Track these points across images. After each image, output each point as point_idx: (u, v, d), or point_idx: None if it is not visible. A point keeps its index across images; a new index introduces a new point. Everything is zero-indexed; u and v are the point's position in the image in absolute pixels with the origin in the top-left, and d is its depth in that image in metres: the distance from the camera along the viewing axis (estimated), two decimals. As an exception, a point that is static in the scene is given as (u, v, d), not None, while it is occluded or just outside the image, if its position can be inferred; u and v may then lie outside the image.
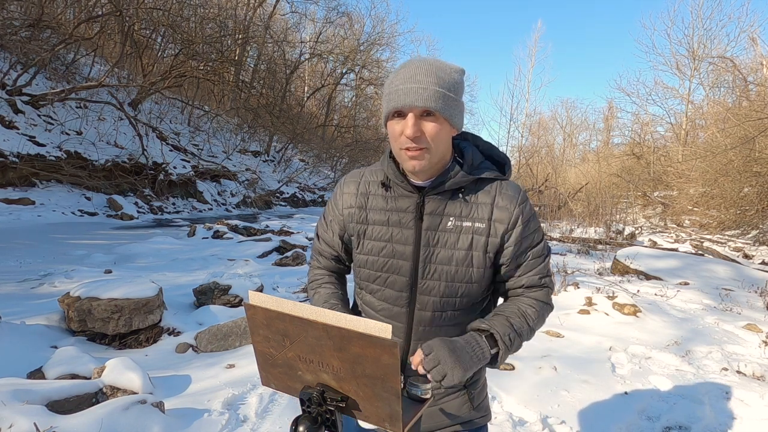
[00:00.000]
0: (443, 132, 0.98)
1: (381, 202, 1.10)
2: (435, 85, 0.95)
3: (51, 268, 5.45)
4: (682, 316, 4.54)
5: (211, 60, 17.53)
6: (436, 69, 0.97)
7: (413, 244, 1.05)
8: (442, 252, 1.04)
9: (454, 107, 0.98)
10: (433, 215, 1.05)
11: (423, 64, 0.97)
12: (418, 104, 0.94)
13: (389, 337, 0.73)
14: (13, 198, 9.74)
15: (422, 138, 0.96)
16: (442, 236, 1.05)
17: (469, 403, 1.16)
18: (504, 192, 1.07)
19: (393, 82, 0.99)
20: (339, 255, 1.22)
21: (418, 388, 0.92)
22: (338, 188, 1.18)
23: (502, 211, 1.05)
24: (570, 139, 34.36)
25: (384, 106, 1.01)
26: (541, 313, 1.11)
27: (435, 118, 0.96)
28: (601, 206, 13.17)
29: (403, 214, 1.07)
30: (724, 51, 19.64)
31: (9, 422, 1.91)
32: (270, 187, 19.82)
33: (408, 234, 1.06)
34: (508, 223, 1.05)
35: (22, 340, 3.10)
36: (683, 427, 2.58)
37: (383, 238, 1.08)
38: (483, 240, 1.04)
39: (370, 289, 1.13)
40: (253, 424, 2.39)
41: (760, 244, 9.56)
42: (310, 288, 1.22)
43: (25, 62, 12.04)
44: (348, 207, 1.13)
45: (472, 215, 1.05)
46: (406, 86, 0.95)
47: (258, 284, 4.65)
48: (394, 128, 0.99)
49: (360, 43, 29.82)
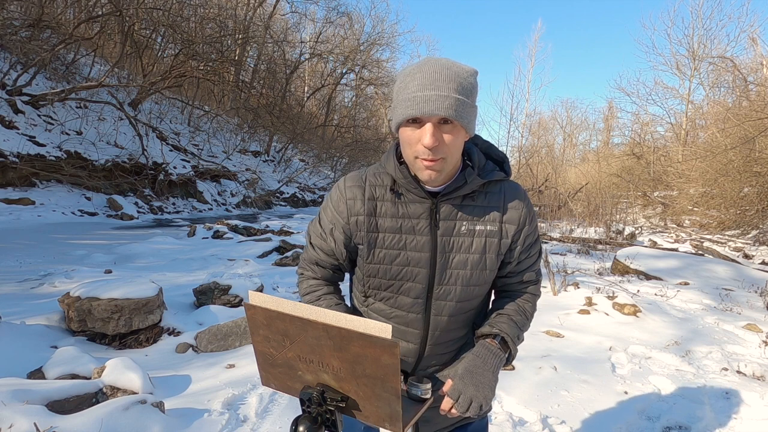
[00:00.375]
0: (459, 139, 0.96)
1: (391, 208, 1.05)
2: (455, 93, 0.91)
3: (51, 268, 5.44)
4: (682, 316, 4.54)
5: (211, 60, 17.53)
6: (455, 74, 0.92)
7: (430, 251, 1.04)
8: (458, 257, 1.04)
9: (471, 114, 0.96)
10: (447, 221, 1.04)
11: (440, 68, 0.92)
12: (439, 113, 0.90)
13: (389, 337, 0.73)
14: (13, 198, 9.74)
15: (440, 148, 0.93)
16: (456, 241, 1.04)
17: None
18: (511, 193, 1.08)
19: (408, 87, 0.93)
20: (340, 264, 1.15)
21: (418, 388, 0.92)
22: (338, 193, 1.09)
23: (511, 213, 1.07)
24: (570, 139, 34.37)
25: (399, 112, 0.95)
26: (534, 305, 1.17)
27: (452, 126, 0.93)
28: (601, 206, 13.17)
29: (416, 221, 1.04)
30: (724, 51, 19.65)
31: (9, 422, 1.91)
32: (270, 187, 19.82)
33: (423, 241, 1.04)
34: (518, 224, 1.07)
35: (22, 340, 3.10)
36: (683, 427, 2.57)
37: (396, 246, 1.05)
38: (495, 242, 1.06)
39: (381, 296, 1.10)
40: (253, 424, 2.39)
41: (760, 244, 9.55)
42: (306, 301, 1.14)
43: (25, 62, 12.04)
44: (355, 215, 1.06)
45: (483, 218, 1.05)
46: (425, 93, 0.90)
47: (258, 284, 4.65)
48: (409, 136, 0.95)
49: (360, 43, 29.83)
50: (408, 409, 0.87)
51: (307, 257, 1.19)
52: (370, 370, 0.78)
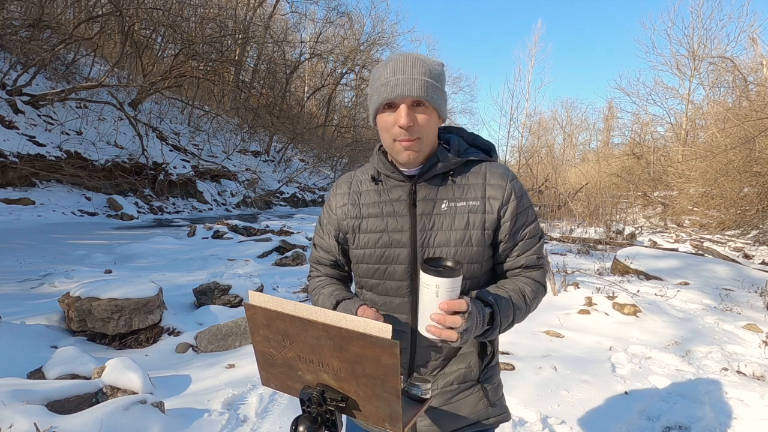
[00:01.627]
0: (432, 121, 1.02)
1: (374, 195, 1.11)
2: (424, 76, 0.98)
3: (51, 268, 5.44)
4: (682, 316, 4.54)
5: (211, 60, 17.53)
6: (423, 62, 1.00)
7: (409, 230, 1.06)
8: (439, 234, 1.04)
9: (440, 96, 1.02)
10: (426, 200, 1.06)
11: (409, 57, 1.01)
12: (410, 93, 0.97)
13: (389, 337, 0.73)
14: (13, 198, 9.74)
15: (415, 128, 0.99)
16: (437, 219, 1.05)
17: (485, 399, 1.13)
18: (494, 171, 1.09)
19: (382, 75, 1.01)
20: (337, 259, 1.19)
21: (418, 388, 0.92)
22: (331, 192, 1.20)
23: (494, 189, 1.06)
24: (570, 139, 34.38)
25: (374, 100, 1.03)
26: (536, 293, 1.09)
27: (425, 108, 1.00)
28: (601, 206, 13.17)
29: (396, 204, 1.08)
30: (724, 51, 19.66)
31: (9, 422, 1.91)
32: (270, 187, 19.82)
33: (403, 221, 1.06)
34: (503, 198, 1.06)
35: (22, 340, 3.10)
36: (683, 427, 2.57)
37: (378, 229, 1.08)
38: (479, 218, 1.05)
39: (369, 285, 1.12)
40: (253, 424, 2.39)
41: (760, 244, 9.55)
42: (313, 294, 1.20)
43: (25, 62, 12.04)
44: (341, 206, 1.14)
45: (465, 195, 1.06)
46: (397, 77, 0.98)
47: (258, 284, 4.65)
48: (386, 120, 1.01)
49: (360, 43, 29.84)
50: (408, 409, 0.86)
51: (312, 258, 1.26)
52: (370, 370, 0.78)
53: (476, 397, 1.12)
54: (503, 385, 1.22)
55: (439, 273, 0.85)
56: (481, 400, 1.13)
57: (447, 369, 1.12)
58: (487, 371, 1.14)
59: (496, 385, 1.17)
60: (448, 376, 1.11)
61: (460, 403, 1.12)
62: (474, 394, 1.12)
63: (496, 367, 1.18)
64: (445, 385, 1.11)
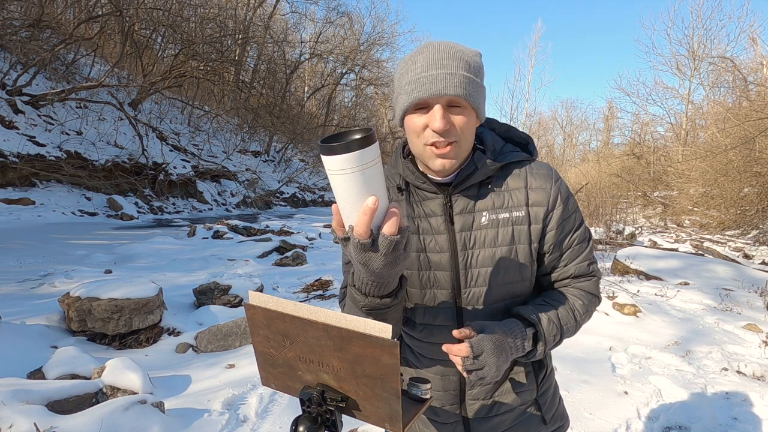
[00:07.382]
0: (471, 122, 0.86)
1: (405, 209, 0.96)
2: (463, 70, 0.83)
3: (51, 268, 5.45)
4: (682, 316, 4.54)
5: (211, 60, 17.54)
6: (460, 53, 0.84)
7: (449, 251, 0.93)
8: (482, 253, 0.92)
9: (480, 94, 0.87)
10: (464, 214, 0.93)
11: (444, 47, 0.84)
12: (448, 92, 0.81)
13: (389, 337, 0.73)
14: (13, 198, 9.74)
15: (452, 131, 0.84)
16: (478, 235, 0.92)
17: (541, 416, 1.03)
18: (536, 172, 0.95)
19: (413, 70, 0.84)
20: None
21: (418, 388, 0.92)
22: None
23: (538, 193, 0.93)
24: (570, 139, 34.41)
25: (402, 99, 0.87)
26: (588, 307, 0.97)
27: (462, 108, 0.84)
28: (601, 206, 13.17)
29: (432, 219, 0.95)
30: (724, 51, 19.67)
31: (9, 422, 1.91)
32: (270, 187, 19.82)
33: (441, 240, 0.94)
34: (548, 204, 0.93)
35: (22, 340, 3.10)
36: (683, 427, 2.57)
37: (416, 249, 0.95)
38: (525, 229, 0.92)
39: (410, 311, 0.99)
40: (253, 424, 2.39)
41: (760, 244, 9.55)
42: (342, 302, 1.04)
43: (25, 62, 12.04)
44: None
45: (506, 204, 0.93)
46: (431, 73, 0.82)
47: (258, 284, 4.65)
48: (416, 123, 0.86)
49: (360, 43, 29.81)
50: (408, 409, 0.86)
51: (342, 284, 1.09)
52: (370, 370, 0.78)
53: (535, 420, 1.04)
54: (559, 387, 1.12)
55: (332, 150, 0.61)
56: (538, 419, 1.04)
57: (499, 390, 1.02)
58: (542, 385, 1.04)
59: (551, 395, 1.08)
60: (503, 397, 1.01)
61: (518, 427, 1.04)
62: (528, 416, 1.04)
63: (551, 375, 1.09)
64: (501, 410, 1.01)
